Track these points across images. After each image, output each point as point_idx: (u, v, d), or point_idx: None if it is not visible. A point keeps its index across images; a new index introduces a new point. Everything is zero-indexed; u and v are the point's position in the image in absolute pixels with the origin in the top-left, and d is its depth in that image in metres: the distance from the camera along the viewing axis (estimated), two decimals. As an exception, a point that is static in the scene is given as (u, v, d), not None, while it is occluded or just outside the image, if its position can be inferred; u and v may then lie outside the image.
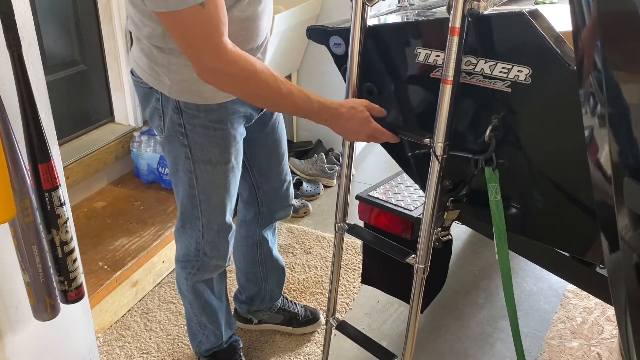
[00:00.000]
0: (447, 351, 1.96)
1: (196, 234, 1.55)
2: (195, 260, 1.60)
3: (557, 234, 1.40)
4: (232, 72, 1.18)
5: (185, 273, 1.64)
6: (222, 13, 1.15)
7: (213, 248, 1.57)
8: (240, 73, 1.19)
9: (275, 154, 1.70)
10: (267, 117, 1.61)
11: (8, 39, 1.16)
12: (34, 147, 1.22)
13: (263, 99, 1.26)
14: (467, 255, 2.44)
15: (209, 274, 1.64)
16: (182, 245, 1.61)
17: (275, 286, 1.95)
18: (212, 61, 1.16)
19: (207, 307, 1.71)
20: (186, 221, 1.56)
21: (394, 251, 1.41)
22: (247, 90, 1.23)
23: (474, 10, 1.09)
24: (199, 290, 1.67)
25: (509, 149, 1.29)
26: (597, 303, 2.12)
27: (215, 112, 1.39)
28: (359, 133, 1.32)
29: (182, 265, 1.64)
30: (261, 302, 1.97)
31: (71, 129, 2.57)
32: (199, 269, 1.61)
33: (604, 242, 0.94)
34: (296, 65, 3.03)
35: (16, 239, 1.29)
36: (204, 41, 1.14)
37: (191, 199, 1.50)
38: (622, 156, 0.85)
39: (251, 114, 1.50)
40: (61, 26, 2.46)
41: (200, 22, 1.11)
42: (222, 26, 1.14)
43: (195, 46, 1.15)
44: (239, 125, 1.46)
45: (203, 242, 1.56)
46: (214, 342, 1.79)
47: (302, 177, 2.95)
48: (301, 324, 2.02)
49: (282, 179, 1.75)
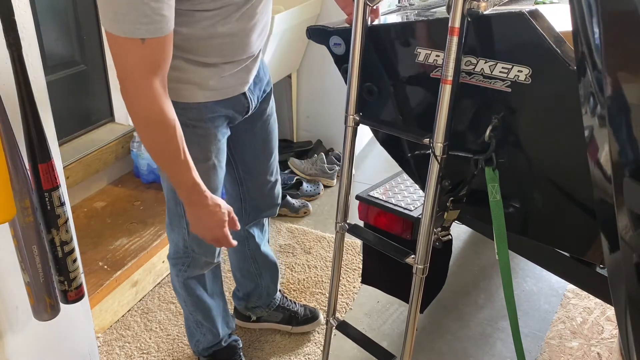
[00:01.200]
0: (447, 351, 1.96)
1: (182, 231, 1.56)
2: (184, 257, 1.61)
3: (557, 234, 1.40)
4: (141, 112, 1.16)
5: (176, 270, 1.66)
6: (162, 55, 1.13)
7: (199, 245, 1.57)
8: (148, 117, 1.17)
9: (263, 152, 1.69)
10: (257, 115, 1.60)
11: (8, 39, 1.17)
12: (34, 147, 1.22)
13: (154, 149, 1.23)
14: (467, 255, 2.44)
15: (200, 270, 1.65)
16: (172, 242, 1.63)
17: (269, 281, 1.96)
18: (129, 92, 1.15)
19: (200, 304, 1.71)
20: (172, 218, 1.57)
21: (393, 251, 1.41)
22: (144, 135, 1.21)
23: (474, 10, 1.09)
24: (191, 287, 1.68)
25: (509, 148, 1.29)
26: (597, 303, 2.12)
27: (194, 110, 1.39)
28: (209, 230, 1.36)
29: (173, 262, 1.66)
30: (258, 298, 1.97)
31: (71, 129, 2.57)
32: (189, 265, 1.63)
33: (604, 242, 0.94)
34: (296, 65, 3.03)
35: (16, 239, 1.29)
36: (130, 73, 1.12)
37: (173, 194, 1.50)
38: (622, 156, 0.85)
39: (234, 115, 1.49)
40: (61, 26, 2.46)
41: (135, 55, 1.10)
42: (156, 68, 1.13)
43: (122, 71, 1.13)
44: (220, 124, 1.45)
45: (189, 239, 1.57)
46: (212, 341, 1.79)
47: (302, 177, 2.95)
48: (300, 323, 2.02)
49: (268, 178, 1.74)
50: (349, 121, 1.38)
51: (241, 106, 1.49)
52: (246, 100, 1.49)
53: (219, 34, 1.28)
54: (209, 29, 1.26)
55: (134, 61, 1.11)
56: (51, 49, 2.42)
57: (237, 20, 1.29)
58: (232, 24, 1.28)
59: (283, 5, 2.64)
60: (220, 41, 1.30)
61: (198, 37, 1.27)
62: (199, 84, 1.36)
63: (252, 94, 1.51)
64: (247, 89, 1.48)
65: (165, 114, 1.17)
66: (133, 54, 1.10)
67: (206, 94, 1.38)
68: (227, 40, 1.31)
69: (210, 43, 1.30)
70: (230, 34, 1.30)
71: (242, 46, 1.36)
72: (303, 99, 3.17)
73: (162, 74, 1.15)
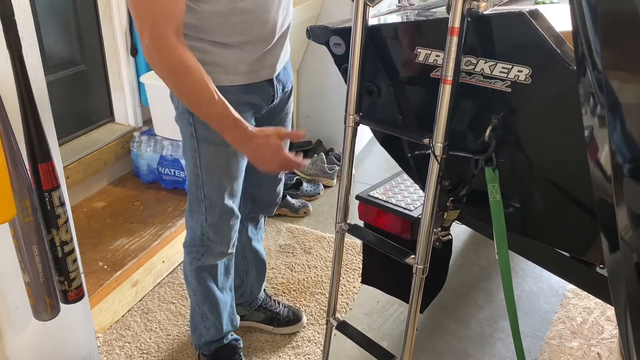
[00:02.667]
0: (447, 351, 1.96)
1: (201, 218, 1.58)
2: (200, 245, 1.63)
3: (557, 234, 1.40)
4: (163, 60, 1.23)
5: (190, 257, 1.67)
6: (174, 5, 1.21)
7: (216, 232, 1.59)
8: (169, 65, 1.24)
9: None
10: (276, 111, 1.62)
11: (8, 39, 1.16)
12: (34, 147, 1.22)
13: (186, 96, 1.31)
14: (467, 255, 2.44)
15: (213, 259, 1.66)
16: (190, 230, 1.65)
17: (255, 279, 1.96)
18: (149, 44, 1.21)
19: (209, 296, 1.72)
20: (192, 203, 1.59)
21: (393, 251, 1.41)
22: (173, 82, 1.27)
23: (473, 11, 1.09)
24: (203, 277, 1.69)
25: (509, 148, 1.29)
26: (597, 303, 2.12)
27: None
28: (270, 161, 1.38)
29: (188, 250, 1.67)
30: (241, 296, 1.98)
31: (71, 129, 2.57)
32: (203, 254, 1.64)
33: (604, 242, 0.94)
34: (296, 65, 3.03)
35: (16, 239, 1.29)
36: (147, 23, 1.20)
37: (195, 178, 1.54)
38: (622, 156, 0.85)
39: (260, 103, 1.51)
40: (61, 26, 2.46)
41: (151, 7, 1.19)
42: (169, 19, 1.20)
43: (140, 25, 1.22)
44: (244, 112, 1.46)
45: (207, 226, 1.58)
46: (214, 335, 1.80)
47: (302, 177, 2.95)
48: (282, 324, 2.02)
49: (274, 175, 1.75)
50: (348, 121, 1.38)
51: (267, 94, 1.52)
52: (272, 88, 1.52)
53: (239, 10, 1.34)
54: (229, 4, 1.32)
55: (148, 13, 1.20)
56: (51, 49, 2.42)
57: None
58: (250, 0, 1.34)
59: (283, 5, 2.64)
60: (240, 18, 1.35)
61: (221, 13, 1.33)
62: (224, 67, 1.40)
63: (278, 82, 1.54)
64: (275, 77, 1.51)
65: (186, 59, 1.23)
66: (148, 6, 1.19)
67: (230, 78, 1.42)
68: (247, 17, 1.36)
69: (231, 20, 1.35)
70: (251, 10, 1.35)
71: (261, 23, 1.40)
72: (303, 99, 3.17)
73: (177, 25, 1.22)
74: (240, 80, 1.44)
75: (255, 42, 1.41)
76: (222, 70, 1.40)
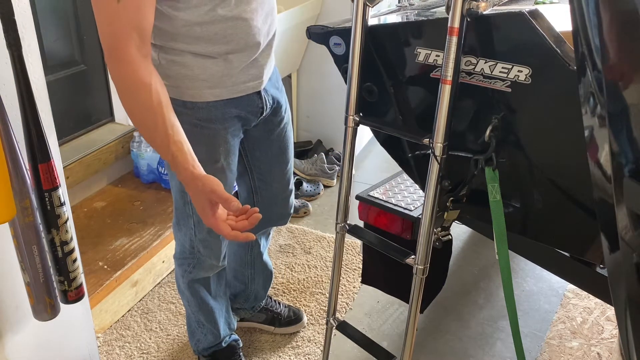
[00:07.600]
0: (447, 351, 1.96)
1: (189, 232, 1.56)
2: (191, 258, 1.61)
3: (557, 234, 1.40)
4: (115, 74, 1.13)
5: (182, 270, 1.65)
6: (139, 16, 1.10)
7: (206, 247, 1.57)
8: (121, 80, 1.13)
9: (279, 161, 1.67)
10: (275, 123, 1.58)
11: (8, 39, 1.16)
12: (34, 147, 1.22)
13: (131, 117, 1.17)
14: (467, 255, 2.44)
15: (205, 272, 1.65)
16: (178, 242, 1.63)
17: (260, 287, 1.96)
18: (106, 55, 1.12)
19: (204, 306, 1.71)
20: (180, 218, 1.56)
21: (393, 252, 1.41)
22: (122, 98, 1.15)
23: (473, 11, 1.09)
24: (195, 289, 1.68)
25: (509, 149, 1.29)
26: (597, 303, 2.12)
27: (203, 110, 1.38)
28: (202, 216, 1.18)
29: (179, 263, 1.65)
30: (245, 301, 1.97)
31: (71, 129, 2.57)
32: (194, 266, 1.62)
33: (604, 242, 0.94)
34: (296, 65, 3.03)
35: (16, 239, 1.29)
36: (106, 33, 1.10)
37: (182, 194, 1.50)
38: (622, 156, 0.85)
39: (247, 116, 1.46)
40: (61, 26, 2.46)
41: (110, 14, 1.07)
42: (132, 30, 1.09)
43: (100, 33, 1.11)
44: (231, 126, 1.43)
45: (196, 240, 1.56)
46: (212, 341, 1.80)
47: (302, 177, 2.95)
48: (283, 324, 2.02)
49: (283, 188, 1.72)
50: (349, 121, 1.38)
51: (255, 107, 1.46)
52: (260, 100, 1.46)
53: (220, 18, 1.27)
54: (209, 12, 1.25)
55: (109, 21, 1.09)
56: (51, 49, 2.42)
57: (235, 4, 1.28)
58: (231, 6, 1.27)
59: (283, 5, 2.64)
60: (222, 25, 1.28)
61: (200, 22, 1.26)
62: (208, 80, 1.34)
63: (267, 94, 1.48)
64: (262, 89, 1.45)
65: (140, 78, 1.11)
66: (109, 14, 1.08)
67: (215, 92, 1.36)
68: (229, 24, 1.29)
69: (212, 29, 1.28)
70: (232, 17, 1.29)
71: (245, 31, 1.33)
72: (303, 99, 3.17)
73: (140, 38, 1.10)
74: (226, 94, 1.38)
75: (239, 52, 1.34)
76: (207, 85, 1.34)
